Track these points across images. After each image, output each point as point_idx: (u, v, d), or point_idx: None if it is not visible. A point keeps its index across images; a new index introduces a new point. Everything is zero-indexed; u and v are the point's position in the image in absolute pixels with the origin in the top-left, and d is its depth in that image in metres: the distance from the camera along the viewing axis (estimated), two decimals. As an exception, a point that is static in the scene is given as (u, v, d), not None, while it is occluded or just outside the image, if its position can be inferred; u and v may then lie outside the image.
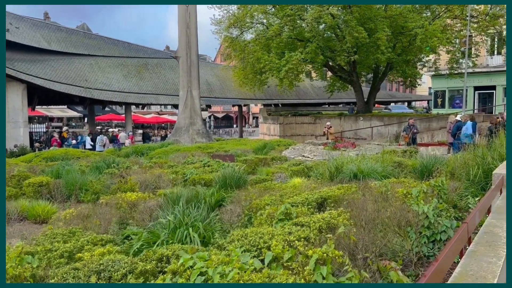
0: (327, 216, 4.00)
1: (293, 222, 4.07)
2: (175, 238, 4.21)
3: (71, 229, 5.33)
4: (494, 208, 4.00)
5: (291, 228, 3.76)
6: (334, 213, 4.24)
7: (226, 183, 9.93)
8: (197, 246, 3.88)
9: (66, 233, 5.14)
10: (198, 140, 20.94)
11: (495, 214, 3.86)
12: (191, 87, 21.53)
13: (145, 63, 32.54)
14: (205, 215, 5.08)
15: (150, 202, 7.54)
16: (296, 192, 7.04)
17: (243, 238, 3.49)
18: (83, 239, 4.54)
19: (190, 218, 4.67)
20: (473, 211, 3.21)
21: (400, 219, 3.91)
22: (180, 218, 4.61)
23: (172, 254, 3.43)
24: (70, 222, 6.59)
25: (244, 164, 13.58)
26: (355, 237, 3.82)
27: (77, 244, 4.42)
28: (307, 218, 4.06)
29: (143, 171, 11.97)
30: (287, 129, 30.56)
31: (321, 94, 38.66)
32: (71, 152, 17.91)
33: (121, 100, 29.32)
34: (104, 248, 4.08)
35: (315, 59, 21.41)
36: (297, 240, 3.23)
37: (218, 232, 4.76)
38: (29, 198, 9.74)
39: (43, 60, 25.97)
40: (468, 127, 14.25)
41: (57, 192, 10.05)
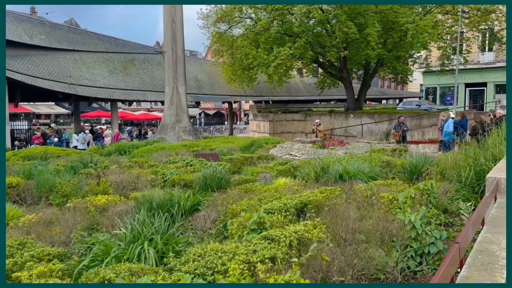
0: (301, 229, 3.52)
1: (262, 236, 3.58)
2: (130, 253, 3.70)
3: (23, 239, 4.80)
4: (489, 219, 3.54)
5: (258, 244, 3.27)
6: (310, 224, 3.76)
7: (206, 184, 9.45)
8: (150, 265, 3.38)
9: (15, 245, 4.60)
10: (184, 138, 20.36)
11: (490, 226, 3.40)
12: (177, 83, 20.93)
13: (132, 58, 31.80)
14: (169, 225, 4.57)
15: (121, 206, 7.03)
16: (277, 196, 6.57)
17: (200, 257, 3.00)
18: (28, 253, 4.01)
19: (150, 229, 4.15)
20: (466, 227, 2.73)
21: (383, 231, 3.44)
22: (139, 229, 4.10)
23: (116, 276, 2.92)
24: (29, 229, 6.06)
25: (229, 163, 13.12)
26: (332, 253, 3.35)
27: (20, 259, 3.90)
28: (278, 231, 3.57)
29: (122, 171, 11.43)
30: (277, 127, 30.09)
31: (312, 91, 38.22)
32: (51, 150, 17.26)
33: (106, 96, 28.59)
34: (47, 265, 3.56)
35: (304, 55, 20.91)
36: (260, 262, 2.75)
37: (182, 244, 4.25)
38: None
39: (25, 55, 25.15)
40: (449, 125, 13.89)
41: (27, 194, 9.49)
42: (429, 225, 5.04)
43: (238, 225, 4.39)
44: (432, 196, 5.63)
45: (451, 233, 5.30)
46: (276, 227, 4.53)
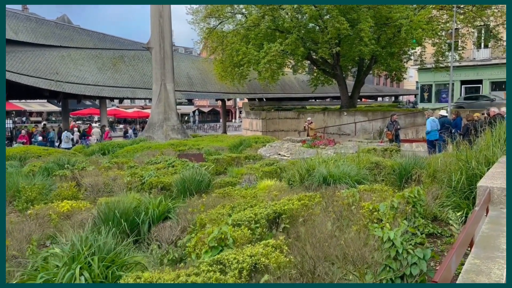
0: (258, 252, 2.99)
1: (214, 260, 3.05)
2: (60, 279, 3.16)
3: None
4: (479, 238, 3.02)
5: (205, 272, 2.74)
6: (271, 245, 3.23)
7: (185, 188, 8.93)
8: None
9: None
10: (172, 137, 19.80)
11: (480, 249, 2.87)
12: (165, 80, 20.32)
13: (121, 55, 31.13)
14: (117, 242, 4.03)
15: (84, 214, 6.49)
16: (253, 203, 6.04)
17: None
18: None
19: (93, 247, 3.61)
20: (447, 258, 2.21)
21: (355, 255, 2.92)
22: (79, 248, 3.56)
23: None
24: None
25: (215, 163, 12.61)
26: (294, 281, 2.83)
27: None
28: (233, 254, 3.04)
29: (99, 173, 10.86)
30: (270, 125, 29.56)
31: (307, 88, 37.69)
32: (32, 150, 16.64)
33: (94, 94, 27.95)
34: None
35: (295, 51, 20.33)
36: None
37: (130, 265, 3.71)
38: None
39: (10, 51, 24.42)
40: (428, 124, 13.50)
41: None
42: (414, 237, 4.53)
43: (196, 241, 3.86)
44: (418, 204, 5.12)
45: (439, 245, 4.80)
46: (241, 243, 4.00)
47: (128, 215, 6.10)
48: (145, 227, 6.06)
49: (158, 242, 5.43)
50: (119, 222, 5.87)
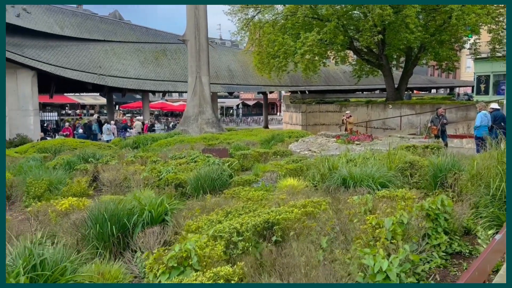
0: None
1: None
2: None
3: None
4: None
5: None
6: (226, 273, 2.59)
7: (199, 186, 8.46)
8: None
9: None
10: (207, 130, 19.50)
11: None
12: (200, 73, 20.02)
13: (163, 48, 31.37)
14: (70, 254, 3.55)
15: (79, 213, 6.15)
16: (253, 207, 5.42)
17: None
18: None
19: (32, 262, 3.14)
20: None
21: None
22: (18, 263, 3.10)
23: None
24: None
25: (241, 159, 12.10)
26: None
27: None
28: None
29: (121, 167, 10.67)
30: (310, 118, 28.59)
31: (353, 80, 36.21)
32: (68, 142, 16.98)
33: (137, 87, 28.34)
34: None
35: (334, 40, 19.20)
36: None
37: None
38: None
39: (55, 46, 25.32)
40: (478, 118, 12.05)
41: (12, 192, 8.96)
42: (430, 262, 3.70)
43: (153, 260, 3.29)
44: (442, 217, 4.23)
45: (464, 268, 3.90)
46: (209, 263, 3.38)
47: (122, 216, 5.68)
48: (137, 231, 5.61)
49: (142, 250, 4.96)
50: (112, 223, 5.47)
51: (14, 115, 22.03)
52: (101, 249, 5.38)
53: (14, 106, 22.32)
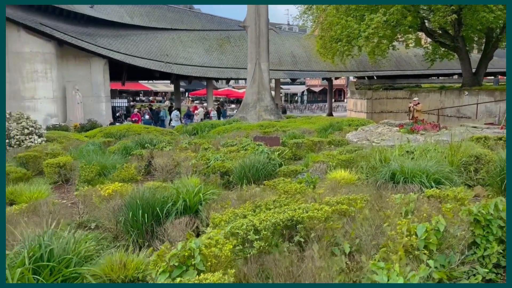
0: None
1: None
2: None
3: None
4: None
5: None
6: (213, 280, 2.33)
7: (242, 175, 8.31)
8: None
9: None
10: (265, 118, 19.32)
11: None
12: (260, 60, 19.80)
13: (228, 36, 31.57)
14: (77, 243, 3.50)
15: (119, 200, 6.25)
16: (285, 202, 5.10)
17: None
18: None
19: (38, 252, 3.12)
20: None
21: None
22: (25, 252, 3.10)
23: None
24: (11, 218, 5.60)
25: (293, 148, 11.78)
26: None
27: None
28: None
29: (173, 154, 10.86)
30: (376, 105, 27.19)
31: (427, 64, 33.86)
32: (133, 128, 17.75)
33: (201, 74, 28.89)
34: None
35: (401, 22, 17.83)
36: None
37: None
38: (48, 179, 9.35)
39: (125, 35, 26.53)
40: None
41: (72, 175, 9.47)
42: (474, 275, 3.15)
43: (157, 257, 3.14)
44: (494, 224, 3.60)
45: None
46: (215, 264, 3.16)
47: (156, 204, 5.66)
48: (171, 219, 5.55)
49: (171, 241, 4.88)
50: (144, 212, 5.47)
51: (87, 101, 23.55)
52: (134, 237, 5.43)
53: (87, 93, 23.84)
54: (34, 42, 21.53)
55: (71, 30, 23.53)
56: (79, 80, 23.43)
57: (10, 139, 12.93)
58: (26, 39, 21.28)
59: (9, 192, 7.60)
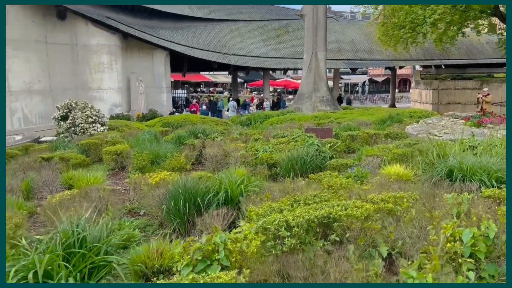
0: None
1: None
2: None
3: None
4: None
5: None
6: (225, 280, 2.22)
7: (289, 167, 8.17)
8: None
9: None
10: (320, 109, 18.87)
11: None
12: (317, 49, 19.30)
13: (286, 25, 31.20)
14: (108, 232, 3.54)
15: (162, 189, 6.35)
16: (326, 198, 4.87)
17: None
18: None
19: (70, 239, 3.20)
20: None
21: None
22: (57, 239, 3.20)
23: None
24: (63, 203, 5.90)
25: (347, 140, 11.43)
26: None
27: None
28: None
29: (224, 144, 10.95)
30: (443, 96, 25.54)
31: (501, 51, 31.09)
32: (190, 118, 18.20)
33: (258, 65, 28.88)
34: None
35: (471, 6, 16.41)
36: None
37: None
38: (107, 165, 9.84)
39: (186, 27, 27.15)
40: None
41: (128, 163, 9.86)
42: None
43: (183, 249, 3.09)
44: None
45: None
46: (239, 260, 3.05)
47: (198, 194, 5.69)
48: (212, 209, 5.54)
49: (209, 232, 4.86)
50: (185, 201, 5.52)
51: (149, 92, 24.51)
52: (176, 226, 5.50)
53: (150, 83, 24.80)
54: (100, 35, 22.71)
55: (135, 23, 24.53)
56: (142, 71, 24.42)
57: (75, 127, 13.76)
58: (93, 32, 22.50)
59: (68, 177, 8.07)
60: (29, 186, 7.71)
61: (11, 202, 6.33)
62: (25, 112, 20.50)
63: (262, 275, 2.89)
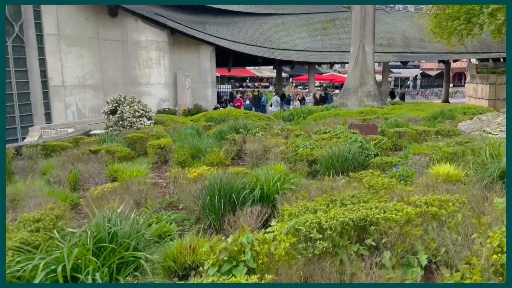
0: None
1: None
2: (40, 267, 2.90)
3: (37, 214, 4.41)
4: None
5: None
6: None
7: (330, 165, 7.95)
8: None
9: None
10: (367, 104, 18.27)
11: None
12: (364, 42, 18.66)
13: (333, 18, 30.51)
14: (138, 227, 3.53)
15: (199, 184, 6.36)
16: (364, 198, 4.64)
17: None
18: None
19: (102, 233, 3.23)
20: None
21: None
22: (89, 232, 3.24)
23: None
24: (104, 196, 6.06)
25: (394, 137, 10.99)
26: None
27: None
28: None
29: (264, 139, 10.88)
30: (501, 91, 23.90)
31: None
32: (233, 112, 18.29)
33: (303, 59, 28.49)
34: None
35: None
36: None
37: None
38: (151, 159, 10.09)
39: (232, 22, 27.27)
40: None
41: (171, 157, 10.04)
42: None
43: (209, 248, 3.03)
44: None
45: None
46: (266, 262, 2.94)
47: (233, 190, 5.64)
48: (247, 205, 5.47)
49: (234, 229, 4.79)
50: (220, 197, 5.48)
51: (195, 87, 24.93)
52: (211, 221, 5.49)
53: (196, 79, 25.21)
54: (149, 31, 23.33)
55: (182, 19, 24.97)
56: (189, 66, 24.86)
57: (123, 121, 14.23)
58: (143, 29, 23.15)
59: (113, 170, 8.32)
60: (76, 178, 8.02)
61: (57, 193, 6.60)
62: (78, 106, 21.53)
63: (289, 280, 2.76)
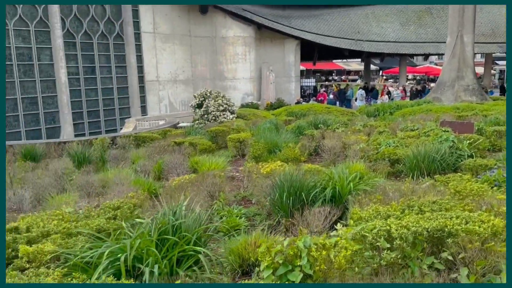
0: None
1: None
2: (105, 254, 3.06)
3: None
4: None
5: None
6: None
7: (414, 165, 7.43)
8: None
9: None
10: (464, 99, 16.66)
11: None
12: (463, 31, 16.98)
13: (429, 6, 28.37)
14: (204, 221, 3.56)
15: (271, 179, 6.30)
16: (447, 206, 4.21)
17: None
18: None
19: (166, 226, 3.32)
20: None
21: None
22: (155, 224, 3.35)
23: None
24: (181, 187, 6.29)
25: (492, 136, 9.98)
26: None
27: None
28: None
29: (344, 136, 10.51)
30: None
31: None
32: (315, 107, 17.99)
33: (394, 51, 26.94)
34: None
35: None
36: None
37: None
38: (230, 152, 10.36)
39: (318, 15, 26.75)
40: None
41: (248, 150, 10.18)
42: None
43: (265, 249, 2.95)
44: None
45: None
46: (323, 270, 2.77)
47: (302, 189, 5.49)
48: (317, 205, 5.29)
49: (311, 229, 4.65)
50: (289, 194, 5.37)
51: (279, 81, 25.01)
52: (280, 218, 5.41)
53: (280, 73, 25.27)
54: (237, 27, 23.88)
55: (269, 13, 25.13)
56: (273, 61, 24.99)
57: (208, 114, 14.77)
58: (231, 25, 23.77)
59: (194, 161, 8.66)
60: (161, 168, 8.50)
61: (141, 182, 7.04)
62: (170, 100, 22.87)
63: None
